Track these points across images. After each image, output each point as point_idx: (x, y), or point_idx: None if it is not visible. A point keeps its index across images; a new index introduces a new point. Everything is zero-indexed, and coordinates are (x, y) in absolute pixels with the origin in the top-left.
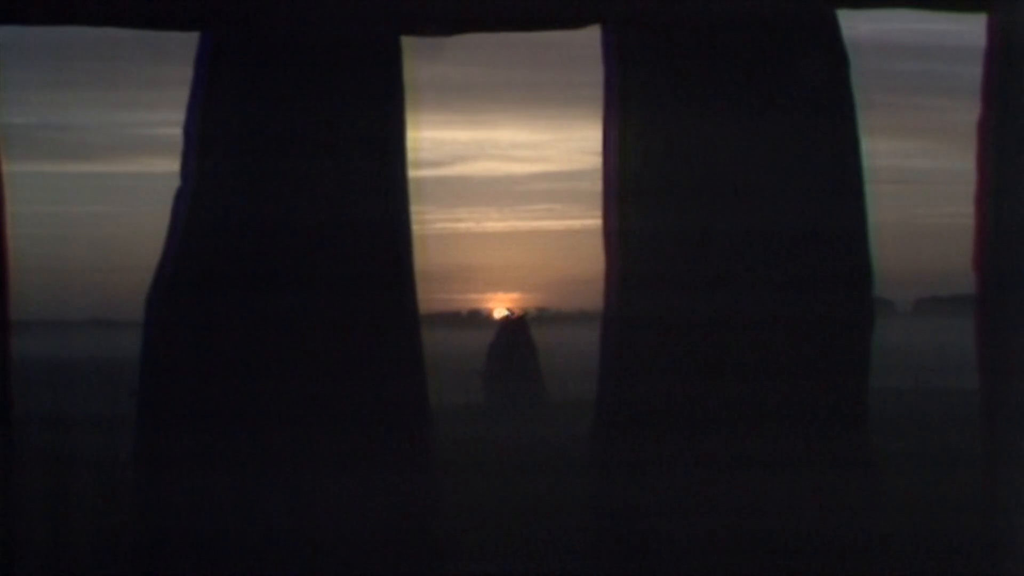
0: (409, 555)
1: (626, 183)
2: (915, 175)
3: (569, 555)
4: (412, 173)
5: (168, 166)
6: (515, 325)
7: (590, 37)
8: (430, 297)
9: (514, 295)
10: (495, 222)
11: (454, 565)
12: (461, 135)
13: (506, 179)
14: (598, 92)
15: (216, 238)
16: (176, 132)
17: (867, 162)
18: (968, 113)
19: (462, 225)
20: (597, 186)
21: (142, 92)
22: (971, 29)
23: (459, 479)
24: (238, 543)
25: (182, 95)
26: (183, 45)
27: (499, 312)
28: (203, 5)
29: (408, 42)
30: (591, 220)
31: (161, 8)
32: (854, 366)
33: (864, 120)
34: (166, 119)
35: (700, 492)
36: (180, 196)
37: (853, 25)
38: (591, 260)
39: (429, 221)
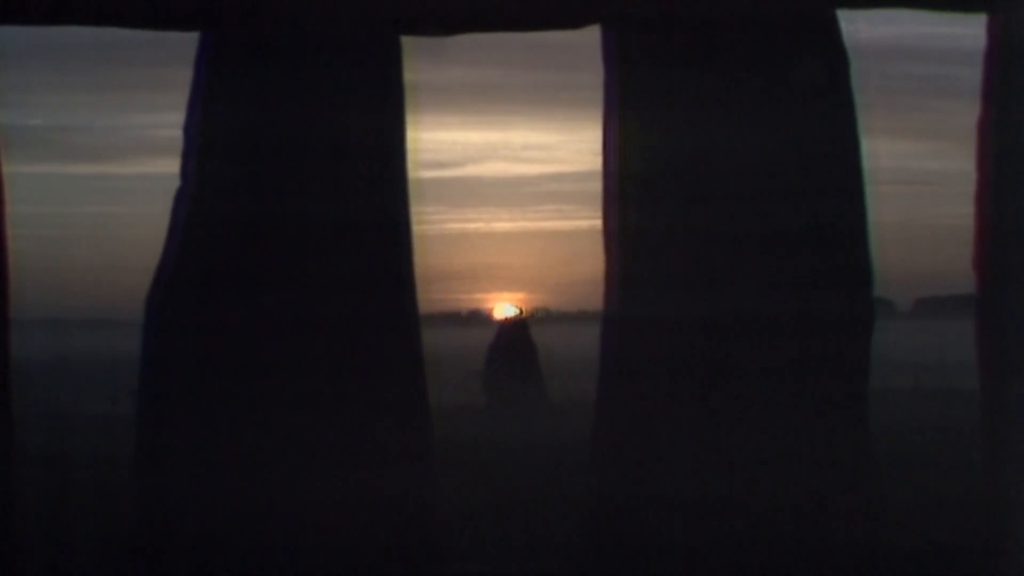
0: (409, 554)
1: (626, 183)
2: (915, 176)
3: (569, 555)
4: (416, 174)
5: (168, 167)
6: (515, 325)
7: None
8: (432, 297)
9: (519, 295)
10: (504, 222)
11: (453, 565)
12: (473, 136)
13: (517, 180)
14: None
15: (216, 238)
16: (176, 133)
17: (867, 163)
18: (969, 115)
19: (471, 225)
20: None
21: (142, 93)
22: (972, 32)
23: (459, 479)
24: (238, 542)
25: (182, 96)
26: (183, 45)
27: (505, 311)
28: (203, 5)
29: (410, 43)
30: (598, 221)
31: (161, 8)
32: (854, 366)
33: (865, 121)
34: (167, 120)
35: (700, 492)
36: (180, 196)
37: (854, 27)
38: (597, 260)
39: (439, 221)
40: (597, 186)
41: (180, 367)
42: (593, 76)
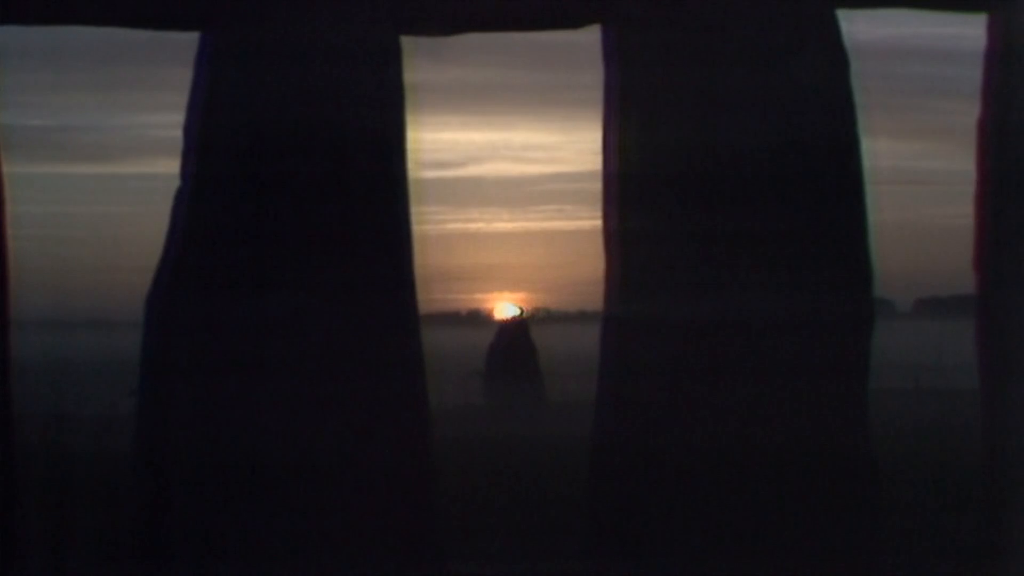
0: (409, 555)
1: (626, 183)
2: (915, 176)
3: (569, 554)
4: (417, 174)
5: (168, 167)
6: (515, 325)
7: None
8: (432, 297)
9: (519, 295)
10: (505, 222)
11: (454, 565)
12: (476, 136)
13: (518, 180)
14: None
15: (216, 238)
16: (176, 133)
17: (867, 163)
18: (969, 115)
19: (472, 226)
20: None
21: (142, 93)
22: (972, 32)
23: (459, 479)
24: (238, 542)
25: (182, 96)
26: (183, 45)
27: (505, 311)
28: (203, 5)
29: (410, 43)
30: (599, 221)
31: (161, 8)
32: (853, 366)
33: (865, 121)
34: (167, 120)
35: (699, 492)
36: (180, 197)
37: (855, 28)
38: (597, 260)
39: (440, 221)
40: (598, 186)
41: (180, 367)
42: (594, 76)
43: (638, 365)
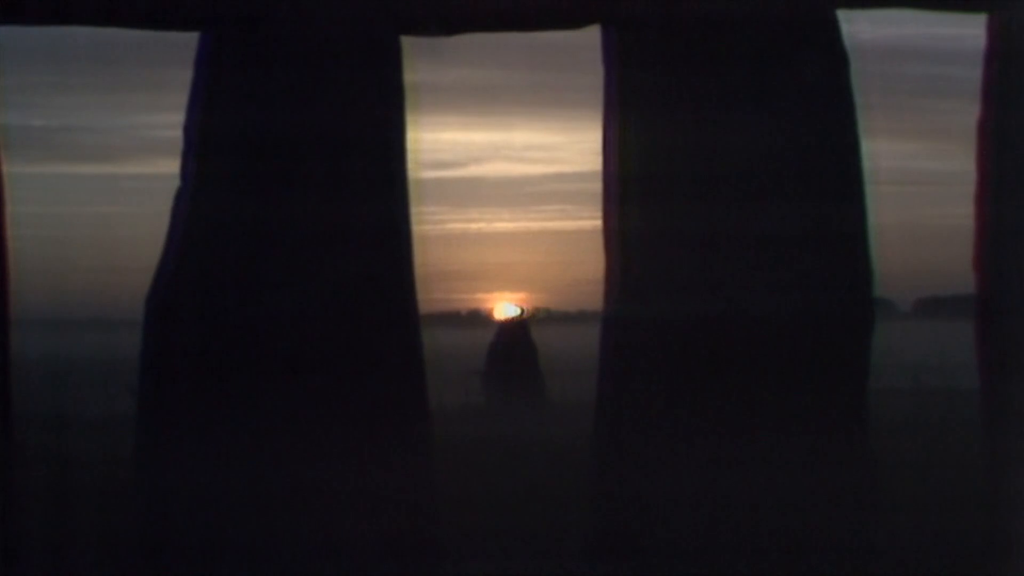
0: (409, 555)
1: (626, 184)
2: (915, 176)
3: (569, 555)
4: (417, 174)
5: (168, 167)
6: (515, 325)
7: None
8: (432, 297)
9: (519, 295)
10: (506, 222)
11: (453, 564)
12: (476, 137)
13: (519, 180)
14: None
15: (216, 238)
16: (176, 134)
17: (868, 163)
18: (969, 115)
19: (473, 226)
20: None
21: (142, 93)
22: (972, 32)
23: (459, 479)
24: (238, 542)
25: (182, 96)
26: (183, 45)
27: (505, 311)
28: (203, 5)
29: (410, 43)
30: (599, 221)
31: (161, 8)
32: (854, 366)
33: (865, 121)
34: (167, 121)
35: (699, 492)
36: (180, 197)
37: (854, 27)
38: (598, 260)
39: (441, 221)
40: (598, 186)
41: (180, 367)
42: (594, 76)
43: (638, 365)
